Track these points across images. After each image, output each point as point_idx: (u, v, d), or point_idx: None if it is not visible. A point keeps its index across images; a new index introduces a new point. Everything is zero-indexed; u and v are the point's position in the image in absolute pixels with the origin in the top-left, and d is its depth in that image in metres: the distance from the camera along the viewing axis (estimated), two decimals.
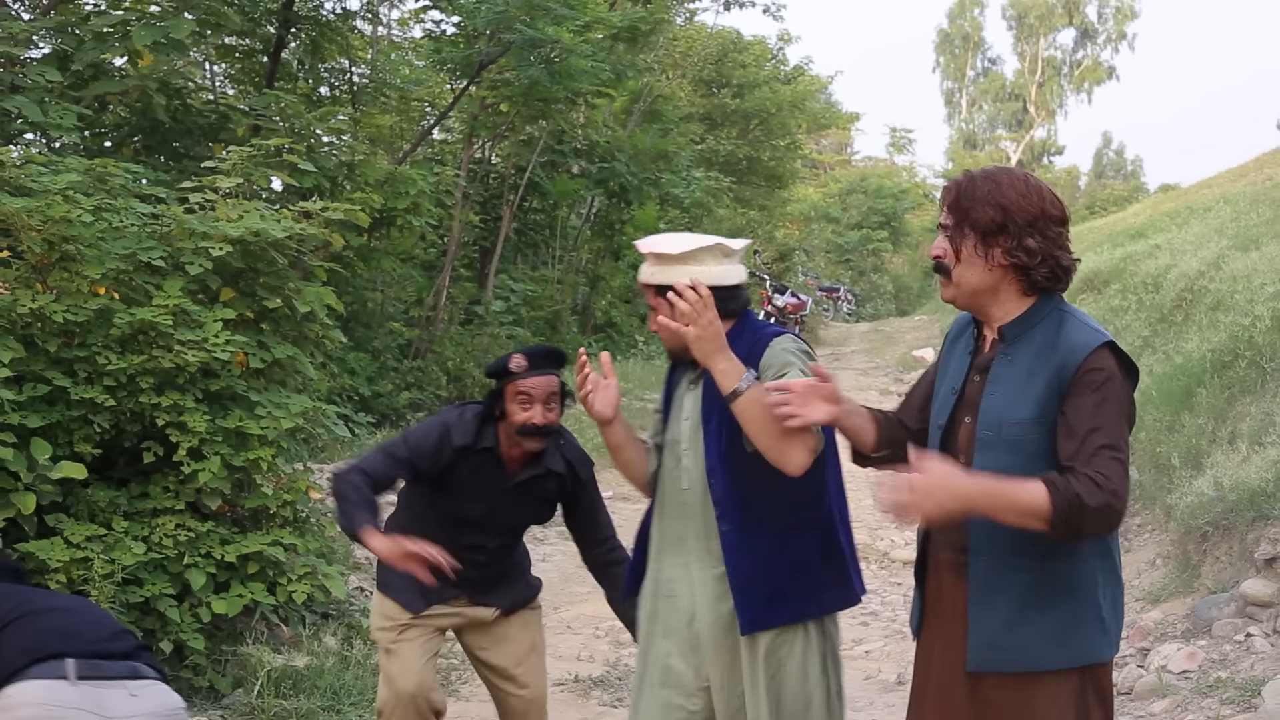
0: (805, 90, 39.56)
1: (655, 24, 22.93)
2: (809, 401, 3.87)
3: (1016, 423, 3.56)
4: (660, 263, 4.32)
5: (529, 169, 20.91)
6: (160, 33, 10.68)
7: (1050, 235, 3.58)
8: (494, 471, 5.25)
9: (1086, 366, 3.49)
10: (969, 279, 3.67)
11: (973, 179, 3.67)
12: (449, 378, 16.76)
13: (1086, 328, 3.59)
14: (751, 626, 4.32)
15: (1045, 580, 3.56)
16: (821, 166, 61.35)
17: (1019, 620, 3.57)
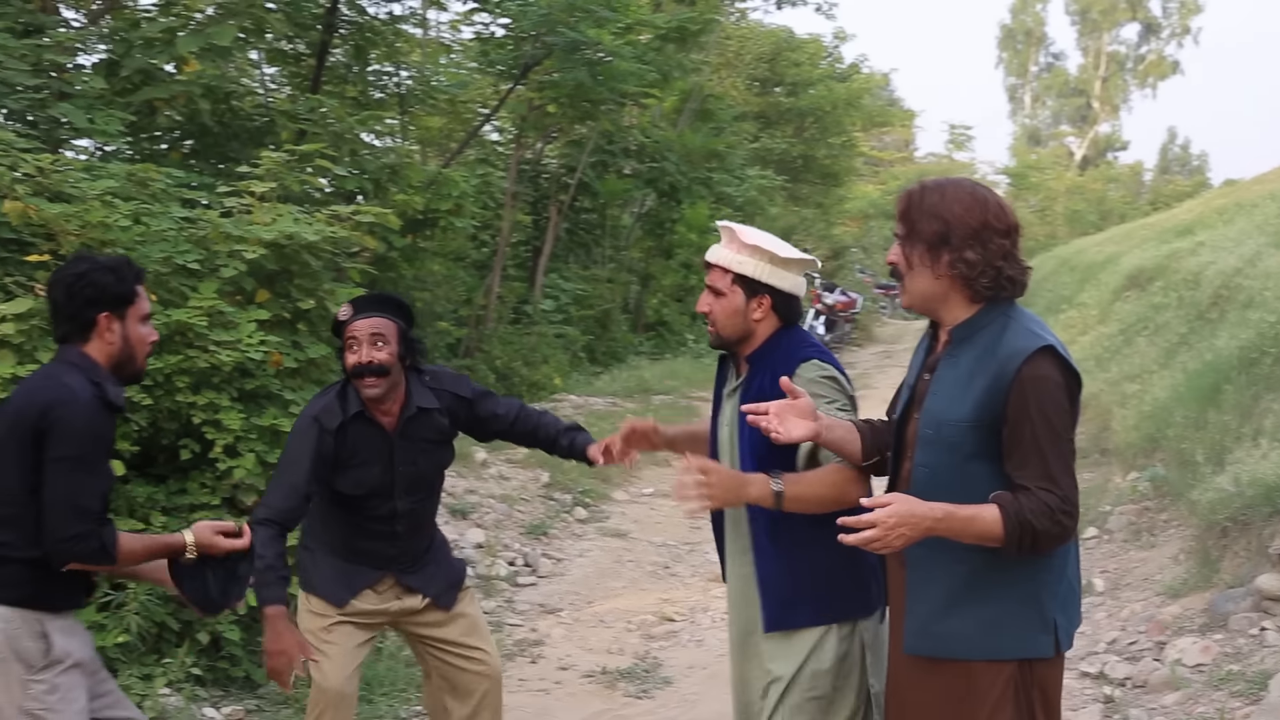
0: (861, 88, 39.54)
1: (705, 24, 23.01)
2: (786, 419, 3.97)
3: (953, 423, 3.66)
4: (758, 257, 4.43)
5: (579, 169, 21.07)
6: (204, 39, 10.91)
7: (992, 247, 3.65)
8: (374, 433, 5.24)
9: (1025, 372, 3.56)
10: (918, 286, 3.78)
11: (923, 190, 3.77)
12: (497, 376, 16.95)
13: (1028, 333, 3.66)
14: (773, 626, 4.43)
15: (979, 573, 3.65)
16: (881, 164, 61.19)
17: (951, 608, 3.69)
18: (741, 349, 4.55)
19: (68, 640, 4.38)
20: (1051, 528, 3.51)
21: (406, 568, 5.43)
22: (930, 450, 3.72)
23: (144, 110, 12.06)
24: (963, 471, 3.65)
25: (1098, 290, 19.50)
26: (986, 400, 3.60)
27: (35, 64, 9.67)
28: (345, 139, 12.39)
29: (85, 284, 4.37)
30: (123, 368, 4.47)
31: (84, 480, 4.22)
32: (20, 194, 7.27)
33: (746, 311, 4.46)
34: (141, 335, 4.50)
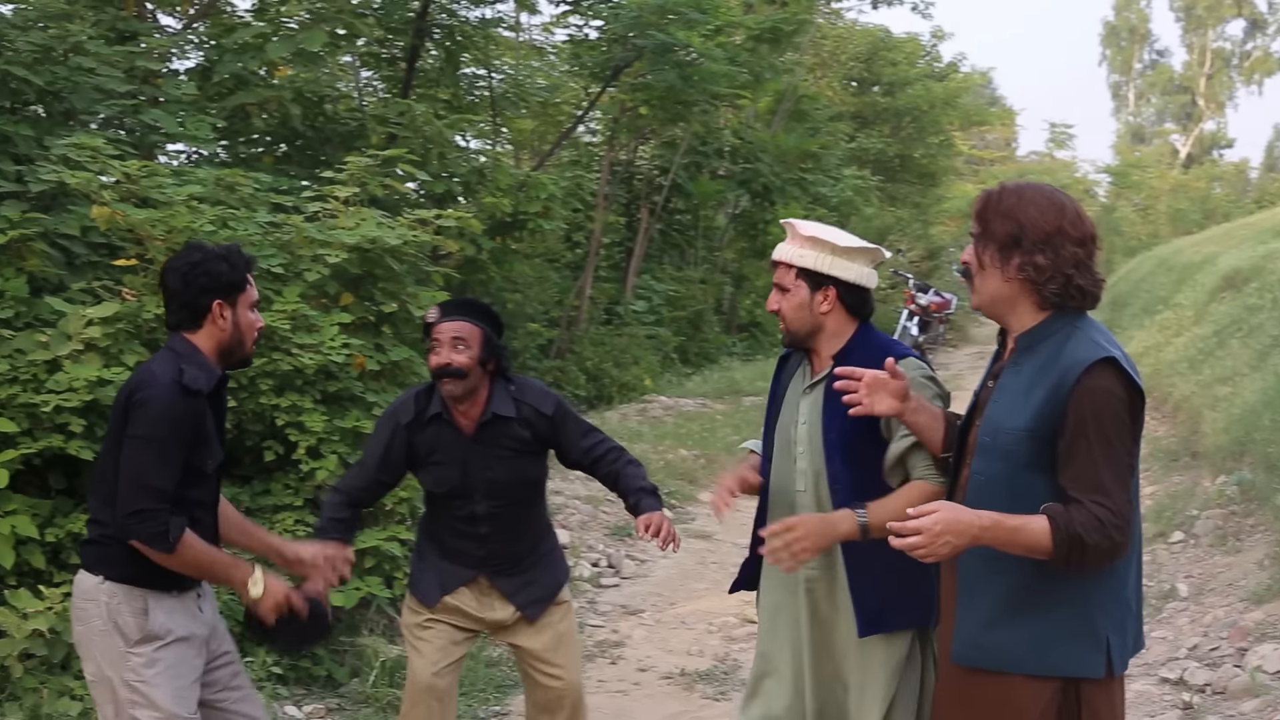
0: (958, 87, 39.23)
1: (798, 24, 22.99)
2: (875, 393, 4.03)
3: (1010, 431, 3.64)
4: (818, 248, 4.46)
5: (672, 170, 21.11)
6: (294, 44, 11.07)
7: (1064, 254, 3.62)
8: (452, 435, 5.32)
9: (1084, 383, 3.53)
10: (988, 288, 3.77)
11: (1001, 191, 3.75)
12: (587, 377, 17.02)
13: (1092, 343, 3.61)
14: (868, 629, 4.43)
15: (1030, 586, 3.63)
16: (981, 163, 60.72)
17: (1000, 621, 3.67)
18: (815, 345, 4.54)
19: (169, 617, 4.51)
20: (1101, 541, 3.46)
21: (500, 570, 5.47)
22: (987, 458, 3.71)
23: (237, 115, 12.26)
24: (1017, 481, 3.62)
25: (1193, 291, 19.24)
26: (1044, 410, 3.57)
27: (128, 71, 9.85)
28: (434, 143, 12.50)
29: (200, 272, 4.53)
30: (231, 353, 4.64)
31: (153, 460, 4.35)
32: (107, 200, 7.42)
33: (812, 305, 4.46)
34: (250, 321, 4.66)
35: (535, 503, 5.62)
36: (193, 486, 4.52)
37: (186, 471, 4.47)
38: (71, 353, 6.86)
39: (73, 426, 6.75)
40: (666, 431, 15.23)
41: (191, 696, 4.59)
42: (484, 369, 5.29)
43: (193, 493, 4.52)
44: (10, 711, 6.29)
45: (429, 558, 5.52)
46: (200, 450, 4.52)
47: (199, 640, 4.65)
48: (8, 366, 6.74)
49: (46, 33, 9.17)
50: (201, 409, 4.51)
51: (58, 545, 6.86)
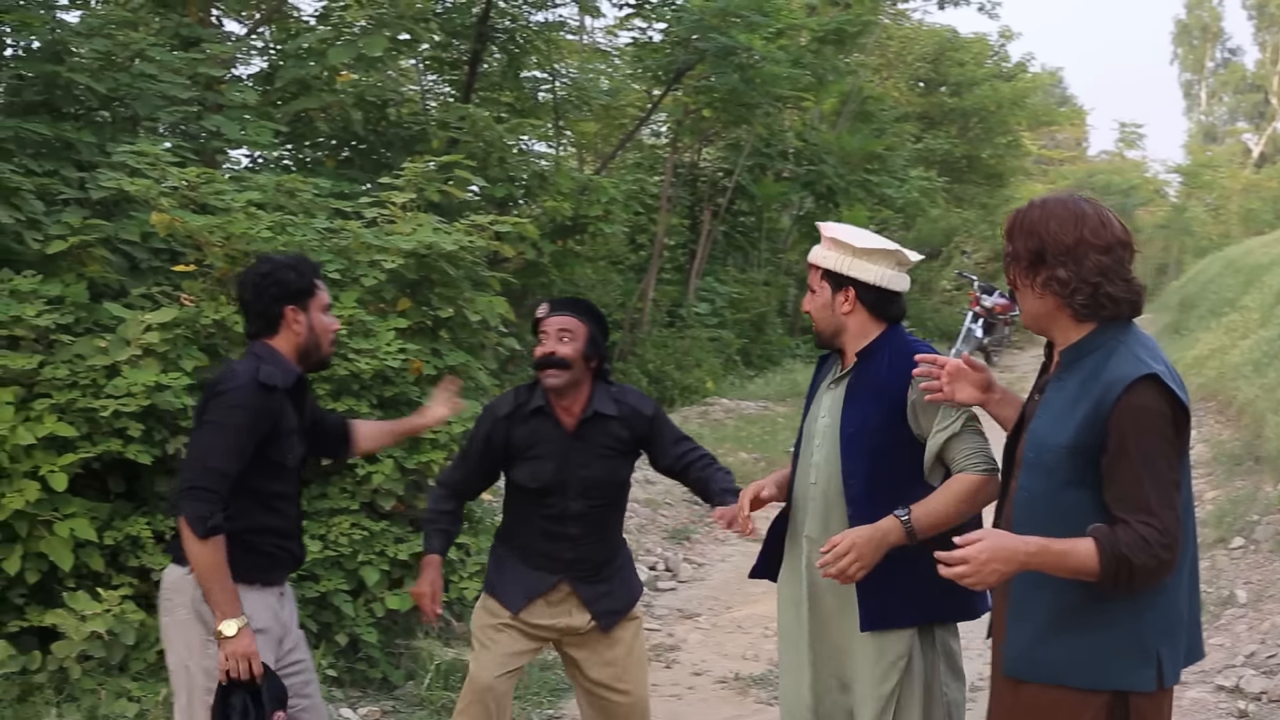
0: (1026, 87, 38.97)
1: (862, 25, 22.93)
2: (957, 381, 4.09)
3: (1053, 448, 3.61)
4: (838, 250, 4.55)
5: (735, 173, 21.11)
6: (355, 50, 11.15)
7: (1088, 264, 3.59)
8: (552, 430, 5.36)
9: (1125, 400, 3.49)
10: (1026, 306, 3.78)
11: (1027, 208, 3.74)
12: (649, 379, 17.03)
13: (1135, 359, 3.57)
14: (871, 625, 4.47)
15: (1081, 600, 3.59)
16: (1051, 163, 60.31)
17: (1050, 635, 3.65)
18: (842, 344, 4.62)
19: (248, 609, 4.59)
20: (1149, 561, 3.43)
21: (584, 576, 5.47)
22: (1031, 474, 3.69)
23: (300, 120, 12.37)
24: (1060, 498, 3.61)
25: (1261, 293, 19.04)
26: (1086, 427, 3.55)
27: (191, 77, 9.94)
28: (494, 147, 12.55)
29: (270, 282, 4.77)
30: (309, 355, 4.86)
31: (220, 444, 4.54)
32: (166, 206, 7.50)
33: (834, 305, 4.57)
34: (325, 324, 4.90)
35: (621, 507, 5.69)
36: (274, 480, 4.73)
37: (267, 465, 4.67)
38: (130, 358, 6.94)
39: (131, 431, 6.84)
40: (727, 434, 15.22)
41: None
42: (587, 365, 5.35)
43: (275, 486, 4.75)
44: (68, 712, 6.37)
45: (512, 563, 5.50)
46: (279, 445, 4.70)
47: (273, 636, 4.77)
48: (67, 372, 6.83)
49: (110, 40, 9.28)
50: (279, 405, 4.67)
51: (116, 548, 6.94)
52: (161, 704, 6.54)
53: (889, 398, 4.47)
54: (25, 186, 7.47)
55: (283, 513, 4.80)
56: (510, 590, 5.46)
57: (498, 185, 12.65)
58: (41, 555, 6.62)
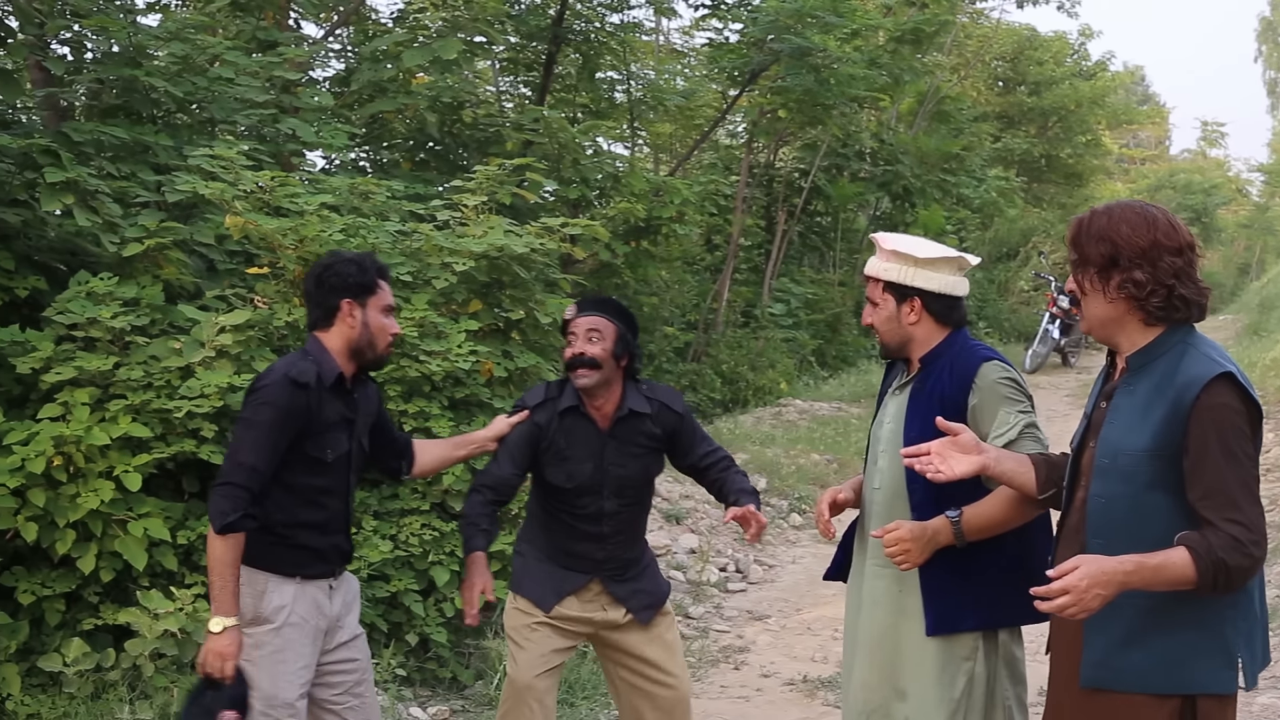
0: (1106, 85, 38.62)
1: (939, 25, 22.81)
2: (948, 457, 4.05)
3: (1130, 453, 3.62)
4: (899, 260, 4.57)
5: (811, 173, 21.07)
6: (430, 53, 11.21)
7: (1163, 266, 3.61)
8: (587, 428, 5.37)
9: (1204, 400, 3.51)
10: (1093, 312, 3.76)
11: (1091, 215, 3.76)
12: (723, 380, 17.02)
13: (1207, 359, 3.60)
14: (938, 629, 4.48)
15: (1161, 605, 3.59)
16: (1132, 162, 59.80)
17: (1131, 642, 3.63)
18: (909, 354, 4.65)
19: (285, 602, 4.73)
20: (1243, 561, 3.45)
21: (614, 575, 5.48)
22: (1106, 480, 3.69)
23: (377, 122, 12.46)
24: (1140, 503, 3.61)
25: None
26: (1165, 429, 3.56)
27: (268, 80, 10.04)
28: (567, 149, 12.60)
29: (331, 274, 4.89)
30: (362, 353, 4.91)
31: (250, 440, 4.66)
32: (240, 209, 7.58)
33: (900, 317, 4.59)
34: (383, 324, 4.94)
35: (648, 505, 5.72)
36: (314, 475, 4.80)
37: (305, 460, 4.75)
38: (204, 359, 7.02)
39: (204, 432, 6.92)
40: (800, 435, 15.19)
41: (295, 682, 4.78)
42: (617, 364, 5.36)
43: (315, 480, 4.82)
44: (141, 710, 6.45)
45: (540, 562, 5.50)
46: (317, 440, 4.76)
47: (312, 629, 4.83)
48: (142, 373, 6.92)
49: (187, 44, 9.38)
50: (314, 401, 4.72)
51: (190, 547, 7.02)
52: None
53: (951, 404, 4.47)
54: (102, 189, 7.55)
55: (325, 507, 4.86)
56: (541, 590, 5.46)
57: (571, 187, 12.68)
58: (116, 554, 6.71)
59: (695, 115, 20.22)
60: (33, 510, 6.52)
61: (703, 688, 8.02)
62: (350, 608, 5.08)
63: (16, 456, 6.50)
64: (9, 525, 6.49)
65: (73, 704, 6.48)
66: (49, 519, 6.58)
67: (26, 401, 7.02)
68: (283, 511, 4.74)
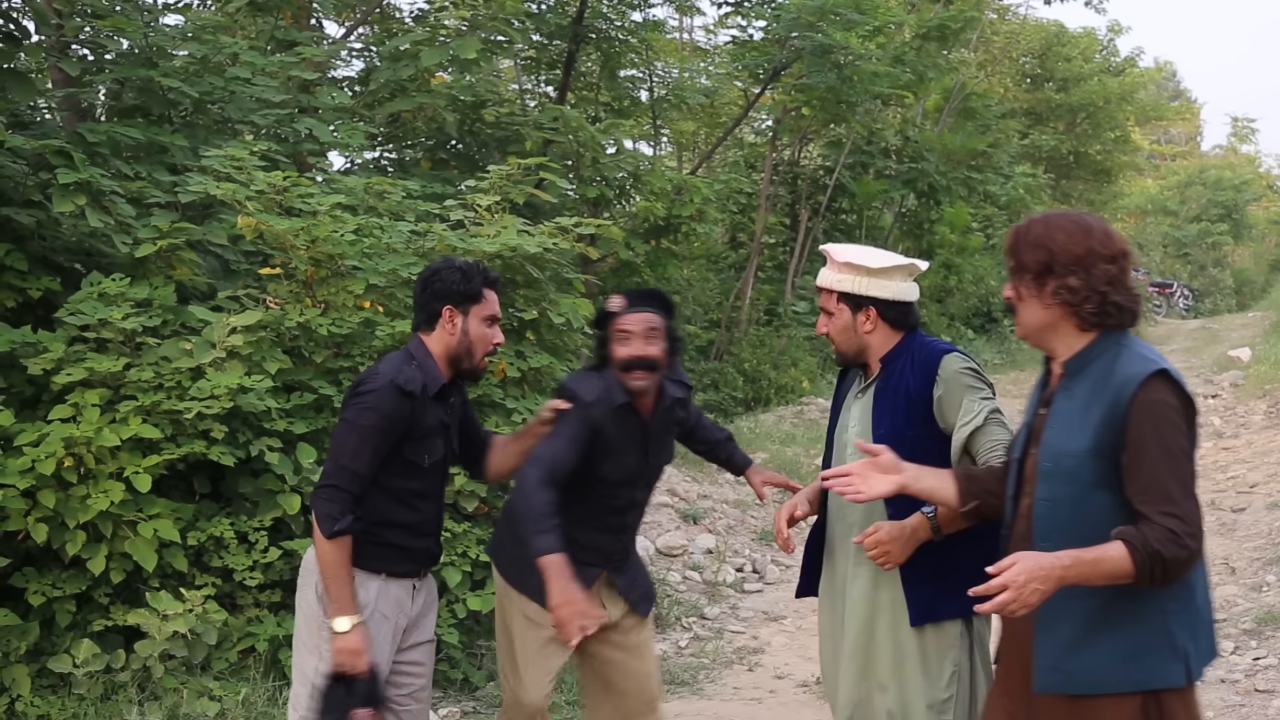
0: (1135, 82, 38.51)
1: (965, 22, 22.73)
2: (867, 478, 4.11)
3: (1072, 454, 3.66)
4: (854, 272, 4.64)
5: (836, 171, 21.03)
6: (447, 52, 11.20)
7: (1096, 273, 3.66)
8: (635, 422, 5.12)
9: (1140, 397, 3.56)
10: (1029, 318, 3.81)
11: (1029, 224, 3.82)
12: (745, 378, 17.00)
13: (1141, 358, 3.65)
14: (921, 619, 4.54)
15: (1108, 606, 3.63)
16: (1163, 158, 59.59)
17: (1082, 643, 3.66)
18: (867, 359, 4.73)
19: (371, 597, 4.74)
20: (1179, 553, 3.48)
21: (620, 565, 5.33)
22: (1050, 484, 3.72)
23: (398, 122, 12.45)
24: (1084, 503, 3.64)
25: None
26: (1104, 428, 3.61)
27: (286, 80, 10.04)
28: (586, 147, 12.57)
29: (436, 279, 4.89)
30: (460, 361, 4.88)
31: (354, 443, 4.65)
32: (251, 210, 7.57)
33: (856, 325, 4.69)
34: (484, 334, 4.90)
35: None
36: (410, 478, 4.80)
37: (402, 464, 4.76)
38: (214, 360, 7.02)
39: (214, 433, 6.91)
40: (820, 434, 15.08)
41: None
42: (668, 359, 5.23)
43: (410, 484, 4.81)
44: (150, 711, 6.47)
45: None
46: (416, 446, 4.77)
47: (393, 625, 4.84)
48: (152, 374, 6.91)
49: (203, 44, 9.39)
50: (418, 409, 4.73)
51: (200, 548, 7.02)
52: (242, 704, 6.63)
53: (916, 398, 4.56)
54: (114, 190, 7.55)
55: (418, 509, 4.86)
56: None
57: (590, 186, 12.64)
58: (126, 555, 6.72)
59: (719, 113, 20.17)
60: (43, 511, 6.53)
61: (716, 689, 7.99)
62: (429, 610, 5.08)
63: (27, 458, 6.50)
64: (19, 526, 6.49)
65: (82, 705, 6.49)
66: (59, 520, 6.59)
67: (38, 403, 7.03)
68: (376, 511, 4.75)
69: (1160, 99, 50.02)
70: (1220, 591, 9.60)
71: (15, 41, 8.36)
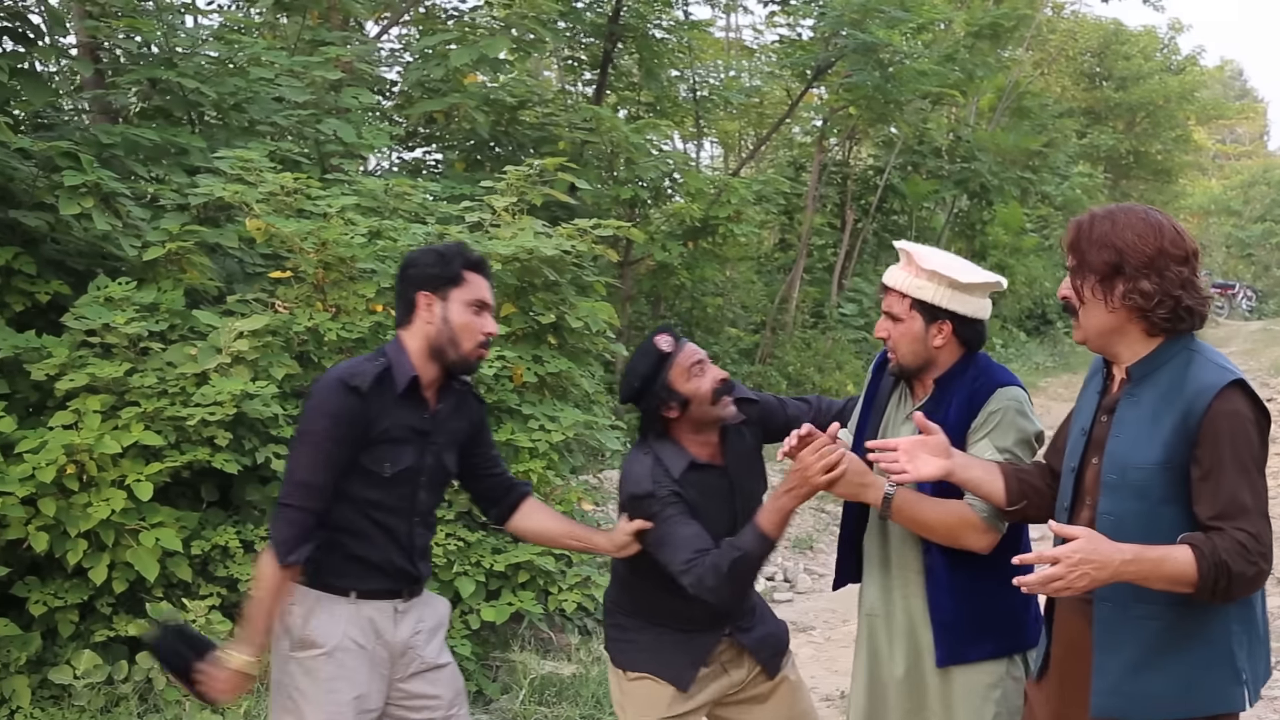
0: (1196, 80, 38.07)
1: (1018, 20, 22.46)
2: (915, 457, 3.85)
3: (1140, 467, 3.44)
4: (935, 280, 4.22)
5: (886, 171, 20.82)
6: (477, 51, 11.07)
7: (1169, 276, 3.42)
8: (714, 480, 4.51)
9: (1216, 408, 3.35)
10: (1092, 321, 3.56)
11: (1093, 219, 3.54)
12: (789, 382, 16.81)
13: (1216, 367, 3.44)
14: (948, 660, 4.25)
15: (1174, 627, 3.43)
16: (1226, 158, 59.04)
17: (1145, 666, 3.46)
18: (925, 375, 4.32)
19: (335, 625, 4.30)
20: (1247, 569, 3.28)
21: (745, 624, 4.65)
22: (1116, 497, 3.49)
23: (435, 122, 12.34)
24: (1152, 518, 3.42)
25: None
26: (1175, 440, 3.38)
27: (311, 81, 9.92)
28: (621, 147, 12.41)
29: (410, 265, 4.41)
30: (443, 352, 4.36)
31: (305, 454, 4.21)
32: (259, 212, 7.45)
33: (926, 338, 4.24)
34: (469, 321, 4.34)
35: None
36: (369, 487, 4.30)
37: (360, 471, 4.28)
38: (219, 366, 6.89)
39: (219, 439, 6.78)
40: None
41: (348, 714, 4.32)
42: None
43: (370, 493, 4.31)
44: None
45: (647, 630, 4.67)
46: (374, 452, 4.29)
47: (371, 655, 4.38)
48: (155, 379, 6.79)
49: (225, 45, 9.30)
50: (370, 408, 4.26)
51: (205, 558, 6.91)
52: (244, 717, 6.50)
53: (955, 428, 4.17)
54: (123, 191, 7.45)
55: (379, 523, 4.34)
56: (677, 666, 4.61)
57: (625, 186, 12.48)
58: (129, 564, 6.59)
59: (768, 113, 19.99)
60: (44, 519, 6.42)
61: None
62: (431, 635, 4.56)
63: (27, 465, 6.39)
64: (20, 535, 6.37)
65: (83, 717, 6.39)
66: (60, 529, 6.47)
67: (44, 409, 6.93)
68: (342, 520, 4.30)
69: (1226, 98, 49.53)
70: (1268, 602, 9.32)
71: (30, 43, 8.27)
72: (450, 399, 4.52)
